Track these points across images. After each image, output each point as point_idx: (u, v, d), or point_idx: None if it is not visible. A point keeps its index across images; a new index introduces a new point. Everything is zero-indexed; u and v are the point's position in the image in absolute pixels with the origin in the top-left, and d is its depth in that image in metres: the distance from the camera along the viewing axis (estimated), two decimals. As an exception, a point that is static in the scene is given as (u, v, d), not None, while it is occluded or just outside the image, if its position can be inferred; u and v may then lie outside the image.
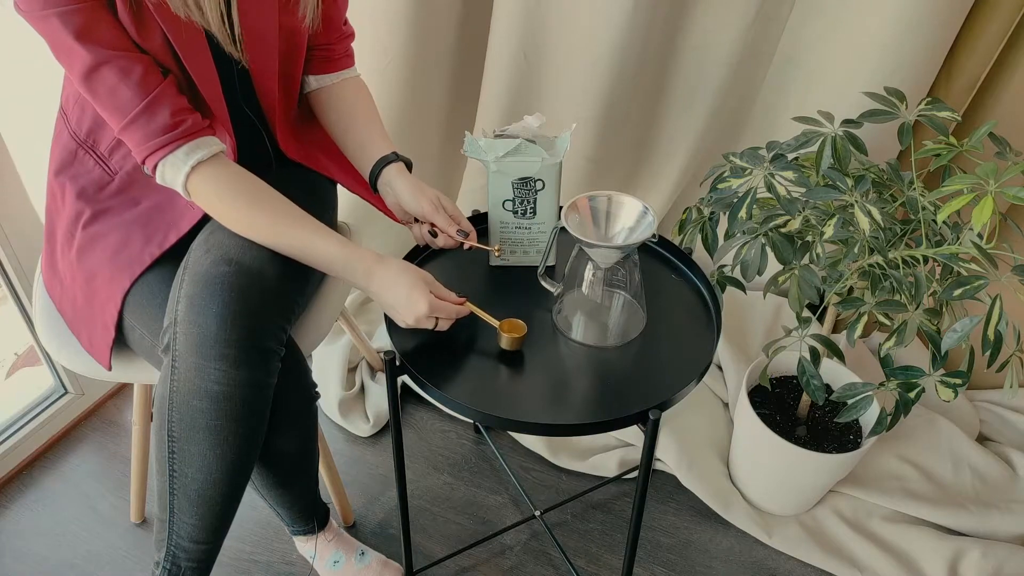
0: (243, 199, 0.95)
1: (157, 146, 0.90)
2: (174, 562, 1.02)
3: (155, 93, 0.89)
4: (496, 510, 1.47)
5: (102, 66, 0.86)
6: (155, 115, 0.89)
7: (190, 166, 0.91)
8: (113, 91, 0.87)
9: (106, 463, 1.54)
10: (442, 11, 1.56)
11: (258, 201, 0.95)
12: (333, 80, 1.15)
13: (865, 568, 1.36)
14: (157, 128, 0.89)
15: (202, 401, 0.92)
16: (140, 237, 1.03)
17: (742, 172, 1.08)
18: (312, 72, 1.14)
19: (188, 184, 0.93)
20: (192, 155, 0.91)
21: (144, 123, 0.89)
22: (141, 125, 0.89)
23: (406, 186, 1.07)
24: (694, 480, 1.46)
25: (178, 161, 0.91)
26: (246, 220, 0.95)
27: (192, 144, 0.92)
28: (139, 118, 0.89)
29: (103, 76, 0.87)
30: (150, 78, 0.89)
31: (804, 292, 1.05)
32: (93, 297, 1.05)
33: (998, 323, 0.93)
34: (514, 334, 0.97)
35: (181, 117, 0.91)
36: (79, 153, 1.06)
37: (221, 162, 0.95)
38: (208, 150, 0.93)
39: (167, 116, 0.89)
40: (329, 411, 1.62)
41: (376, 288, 0.96)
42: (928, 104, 1.10)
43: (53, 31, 0.84)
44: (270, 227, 0.95)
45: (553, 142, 1.05)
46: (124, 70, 0.87)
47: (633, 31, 1.42)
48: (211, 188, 0.94)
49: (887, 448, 1.51)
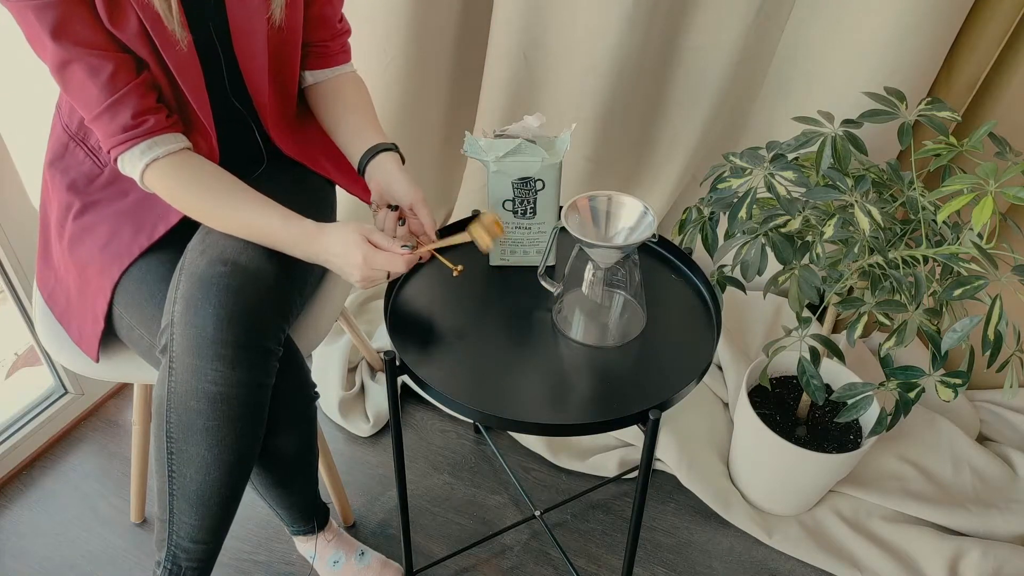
0: (194, 188, 0.97)
1: (117, 142, 0.93)
2: (175, 562, 1.02)
3: (120, 93, 0.91)
4: (496, 510, 1.47)
5: (72, 63, 0.89)
6: (117, 114, 0.92)
7: (145, 163, 0.94)
8: (82, 86, 0.90)
9: (106, 463, 1.54)
10: (442, 11, 1.56)
11: (209, 189, 0.97)
12: (328, 76, 1.15)
13: (865, 568, 1.36)
14: (118, 127, 0.92)
15: (200, 402, 0.92)
16: (129, 229, 1.04)
17: (742, 172, 1.08)
18: (308, 68, 1.15)
19: (144, 178, 0.96)
20: (148, 153, 0.94)
21: (107, 120, 0.92)
22: (105, 122, 0.92)
23: (403, 175, 1.05)
24: (694, 480, 1.46)
25: (134, 158, 0.94)
26: (196, 207, 0.97)
27: (150, 142, 0.94)
28: (103, 115, 0.92)
29: (73, 72, 0.89)
30: (119, 77, 0.91)
31: (804, 292, 1.05)
32: (85, 288, 1.06)
33: (998, 323, 0.93)
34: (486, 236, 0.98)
35: (143, 117, 0.93)
36: (70, 145, 1.08)
37: (179, 158, 0.97)
38: (166, 148, 0.95)
39: (128, 116, 0.92)
40: (329, 411, 1.62)
41: (324, 255, 0.95)
42: (928, 104, 1.10)
43: (29, 24, 0.86)
44: (220, 211, 0.96)
45: (553, 142, 1.05)
46: (93, 68, 0.89)
47: (633, 31, 1.42)
48: (163, 182, 0.96)
49: (887, 448, 1.51)
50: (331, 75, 1.16)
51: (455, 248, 1.05)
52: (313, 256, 0.96)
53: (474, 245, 1.01)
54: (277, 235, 0.95)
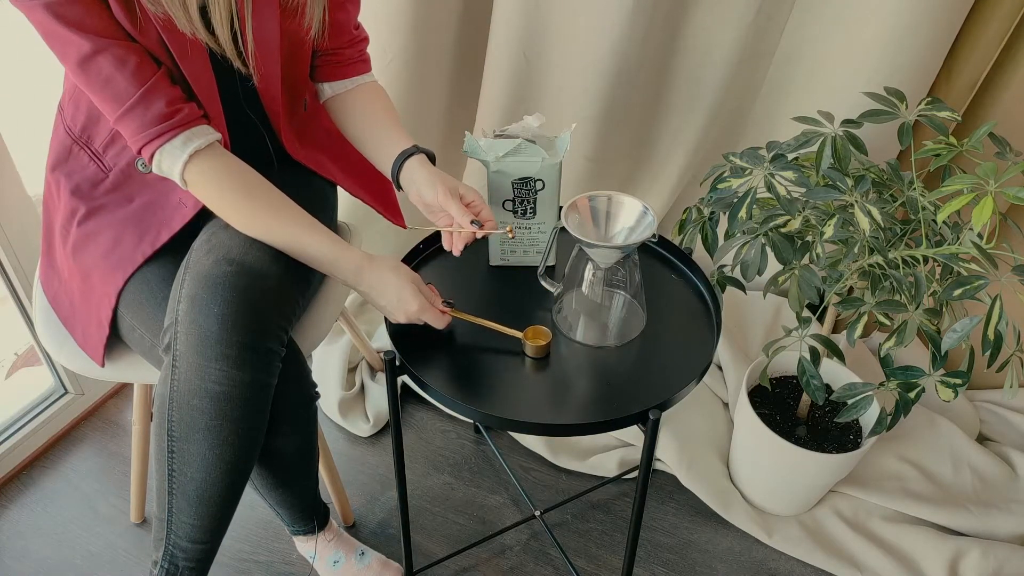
0: (240, 191, 0.95)
1: (154, 135, 0.89)
2: (172, 562, 1.01)
3: (151, 83, 0.88)
4: (496, 510, 1.47)
5: (98, 55, 0.85)
6: (151, 104, 0.88)
7: (187, 155, 0.91)
8: (108, 80, 0.87)
9: (106, 463, 1.54)
10: (442, 11, 1.56)
11: (253, 194, 0.96)
12: (347, 87, 1.13)
13: (865, 568, 1.36)
14: (153, 117, 0.88)
15: (202, 401, 0.92)
16: (133, 235, 1.04)
17: (742, 172, 1.08)
18: (325, 79, 1.12)
19: (185, 174, 0.92)
20: (189, 144, 0.91)
21: (140, 112, 0.88)
22: (138, 115, 0.88)
23: (425, 175, 1.02)
24: (694, 480, 1.46)
25: (175, 150, 0.91)
26: (241, 211, 0.95)
27: (188, 133, 0.91)
28: (136, 107, 0.88)
29: (98, 64, 0.86)
30: (145, 68, 0.88)
31: (804, 292, 1.05)
32: (89, 294, 1.05)
33: (998, 323, 0.93)
34: (539, 341, 0.97)
35: (177, 107, 0.90)
36: (74, 149, 1.06)
37: (218, 151, 0.94)
38: (205, 139, 0.92)
39: (163, 106, 0.89)
40: (329, 411, 1.62)
41: (365, 287, 0.96)
42: (928, 104, 1.10)
43: (45, 21, 0.84)
44: (264, 220, 0.95)
45: (553, 142, 1.04)
46: (120, 59, 0.86)
47: (633, 31, 1.42)
48: (208, 178, 0.94)
49: (887, 448, 1.51)
50: (350, 86, 1.13)
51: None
52: (355, 286, 0.97)
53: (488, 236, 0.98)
54: (324, 258, 0.96)
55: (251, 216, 0.95)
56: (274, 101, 1.06)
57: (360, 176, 1.25)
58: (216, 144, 0.95)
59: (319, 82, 1.14)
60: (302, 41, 1.04)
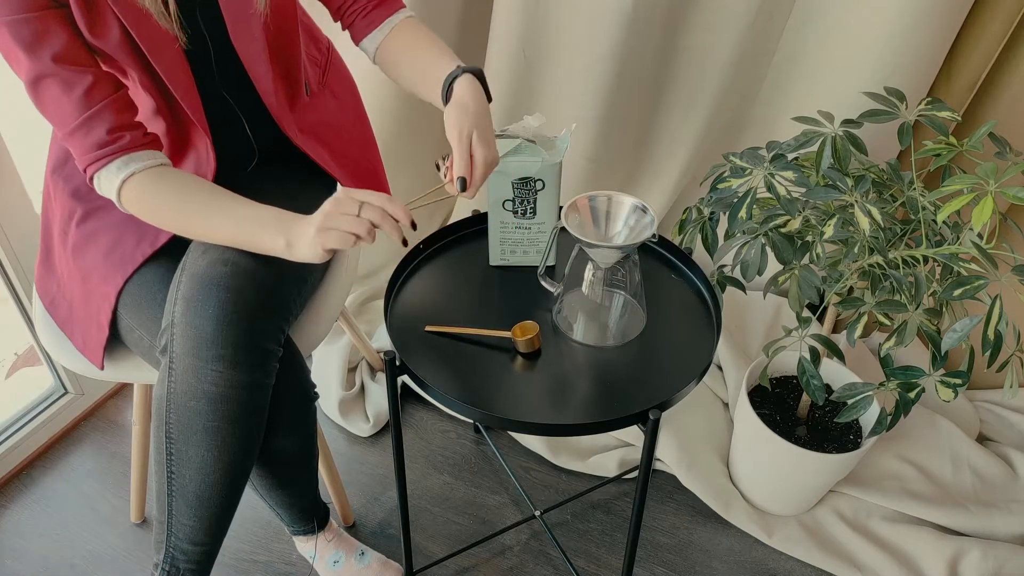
0: (174, 200, 0.93)
1: (93, 159, 0.91)
2: (172, 563, 1.01)
3: (96, 108, 0.89)
4: (496, 510, 1.47)
5: (46, 78, 0.87)
6: (92, 130, 0.90)
7: (121, 179, 0.91)
8: (56, 102, 0.89)
9: (106, 463, 1.54)
10: (442, 11, 1.56)
11: (187, 202, 0.93)
12: (383, 35, 1.06)
13: (865, 568, 1.36)
14: (92, 143, 0.90)
15: (199, 402, 0.92)
16: (133, 236, 1.04)
17: (742, 172, 1.08)
18: (362, 37, 1.08)
19: (120, 196, 0.93)
20: (124, 169, 0.91)
21: (82, 136, 0.90)
22: (79, 138, 0.90)
23: (452, 102, 0.94)
24: (694, 480, 1.46)
25: (111, 175, 0.91)
26: (176, 220, 0.93)
27: (126, 158, 0.91)
28: (77, 131, 0.90)
29: (47, 87, 0.88)
30: (95, 92, 0.89)
31: (804, 292, 1.05)
32: (89, 296, 1.05)
33: (998, 323, 0.93)
34: (527, 335, 0.97)
35: (119, 133, 0.91)
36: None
37: (157, 172, 0.93)
38: (143, 163, 0.92)
39: (103, 132, 0.90)
40: (329, 411, 1.62)
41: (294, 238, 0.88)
42: (928, 104, 1.10)
43: (2, 40, 0.85)
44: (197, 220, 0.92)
45: (553, 142, 1.04)
46: (67, 83, 0.88)
47: (633, 31, 1.42)
48: (141, 198, 0.93)
49: (887, 448, 1.51)
50: (385, 32, 1.06)
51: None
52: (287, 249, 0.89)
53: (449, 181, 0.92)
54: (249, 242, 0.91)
55: (185, 226, 0.93)
56: (264, 81, 1.02)
57: (355, 166, 1.23)
58: (160, 167, 0.93)
59: (359, 44, 1.09)
60: (285, 12, 1.01)
